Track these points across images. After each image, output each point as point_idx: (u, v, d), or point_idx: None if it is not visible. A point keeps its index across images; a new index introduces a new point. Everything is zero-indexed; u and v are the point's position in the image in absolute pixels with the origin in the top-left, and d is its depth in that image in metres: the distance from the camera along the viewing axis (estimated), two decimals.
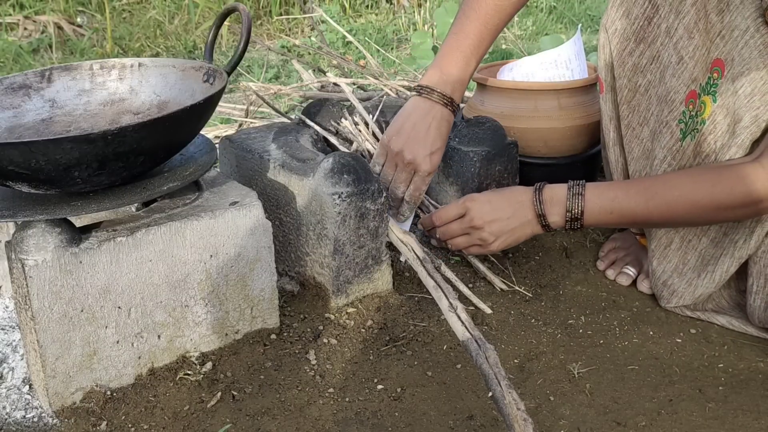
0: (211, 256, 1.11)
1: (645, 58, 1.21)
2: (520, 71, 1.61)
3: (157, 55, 3.26)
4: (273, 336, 1.20)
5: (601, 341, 1.22)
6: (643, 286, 1.36)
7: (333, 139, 1.50)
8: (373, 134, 1.51)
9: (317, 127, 1.50)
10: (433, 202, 1.50)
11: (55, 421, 1.03)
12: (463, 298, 1.29)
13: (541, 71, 1.59)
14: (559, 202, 1.21)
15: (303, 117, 1.54)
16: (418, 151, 1.31)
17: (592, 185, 1.21)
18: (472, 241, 1.29)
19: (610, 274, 1.40)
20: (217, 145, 1.26)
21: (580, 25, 1.74)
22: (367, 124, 1.54)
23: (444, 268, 1.35)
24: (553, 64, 1.58)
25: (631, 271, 1.38)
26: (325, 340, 1.20)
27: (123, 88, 1.24)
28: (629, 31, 1.22)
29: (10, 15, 3.53)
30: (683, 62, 1.14)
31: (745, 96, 1.09)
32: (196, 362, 1.13)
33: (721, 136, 1.13)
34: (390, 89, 1.86)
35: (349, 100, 1.63)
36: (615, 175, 1.36)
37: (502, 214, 1.25)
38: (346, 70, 2.29)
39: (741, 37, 1.07)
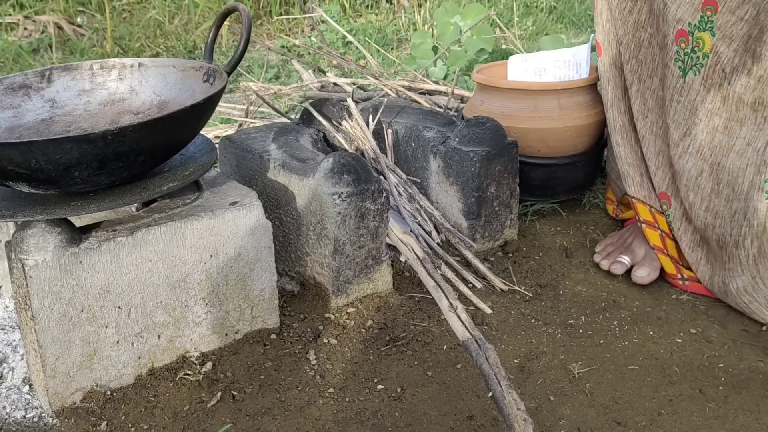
0: (211, 256, 1.11)
1: (643, 13, 1.33)
2: (533, 63, 1.61)
3: (157, 55, 3.25)
4: (273, 336, 1.20)
5: (601, 341, 1.22)
6: (636, 276, 1.36)
7: (337, 135, 1.50)
8: (373, 134, 1.51)
9: (323, 120, 1.50)
10: (428, 205, 1.50)
11: (55, 421, 1.03)
12: (463, 298, 1.29)
13: (553, 69, 1.60)
14: None
15: (309, 107, 1.54)
16: None
17: None
18: None
19: (605, 264, 1.41)
20: (217, 145, 1.26)
21: (593, 35, 1.75)
22: (367, 124, 1.54)
23: (444, 268, 1.35)
24: (566, 63, 1.59)
25: (625, 259, 1.39)
26: (325, 340, 1.20)
27: (123, 88, 1.24)
28: None
29: (10, 15, 3.53)
30: (667, 7, 1.26)
31: (751, 17, 1.19)
32: (196, 362, 1.13)
33: (729, 62, 1.22)
34: (390, 89, 1.86)
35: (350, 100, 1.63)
36: (613, 135, 1.44)
37: None
38: (346, 70, 2.29)
39: None
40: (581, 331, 1.25)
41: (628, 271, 1.39)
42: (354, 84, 1.97)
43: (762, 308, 1.24)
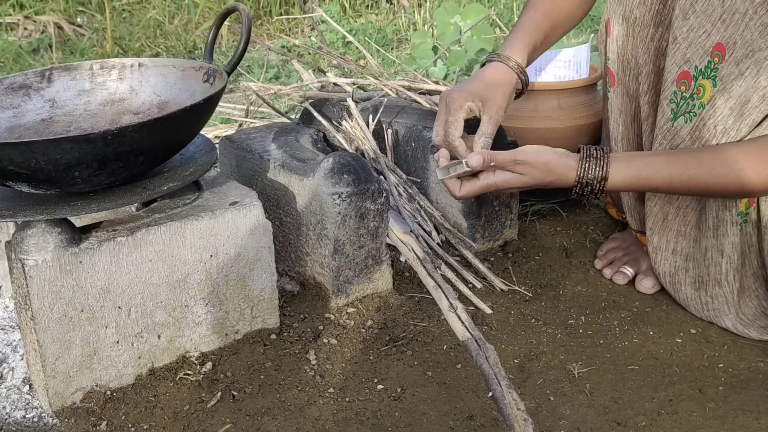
0: (211, 256, 1.11)
1: (665, 41, 1.22)
2: (533, 63, 1.61)
3: (157, 55, 3.25)
4: (273, 336, 1.20)
5: (601, 341, 1.22)
6: (642, 285, 1.36)
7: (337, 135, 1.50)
8: (373, 135, 1.51)
9: (323, 120, 1.50)
10: (428, 205, 1.50)
11: (55, 421, 1.03)
12: (463, 298, 1.29)
13: (553, 68, 1.60)
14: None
15: (309, 107, 1.54)
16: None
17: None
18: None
19: (607, 273, 1.40)
20: (217, 145, 1.26)
21: (593, 35, 1.75)
22: (367, 124, 1.54)
23: (444, 268, 1.35)
24: (566, 64, 1.59)
25: (628, 270, 1.38)
26: (325, 340, 1.20)
27: (123, 88, 1.24)
28: (648, 17, 1.24)
29: (10, 15, 3.53)
30: (677, 42, 1.15)
31: (751, 76, 1.09)
32: (196, 362, 1.13)
33: (722, 120, 1.12)
34: (390, 89, 1.86)
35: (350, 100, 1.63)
36: None
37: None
38: (346, 70, 2.29)
39: (741, 20, 1.08)
40: (581, 331, 1.25)
41: (631, 280, 1.39)
42: (354, 84, 1.96)
43: (760, 336, 1.22)
